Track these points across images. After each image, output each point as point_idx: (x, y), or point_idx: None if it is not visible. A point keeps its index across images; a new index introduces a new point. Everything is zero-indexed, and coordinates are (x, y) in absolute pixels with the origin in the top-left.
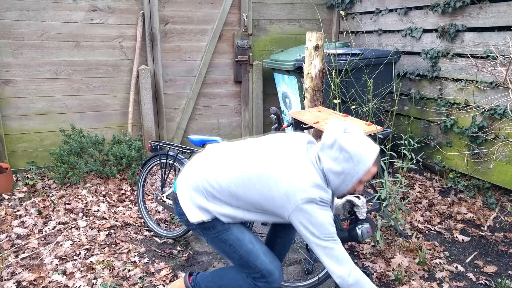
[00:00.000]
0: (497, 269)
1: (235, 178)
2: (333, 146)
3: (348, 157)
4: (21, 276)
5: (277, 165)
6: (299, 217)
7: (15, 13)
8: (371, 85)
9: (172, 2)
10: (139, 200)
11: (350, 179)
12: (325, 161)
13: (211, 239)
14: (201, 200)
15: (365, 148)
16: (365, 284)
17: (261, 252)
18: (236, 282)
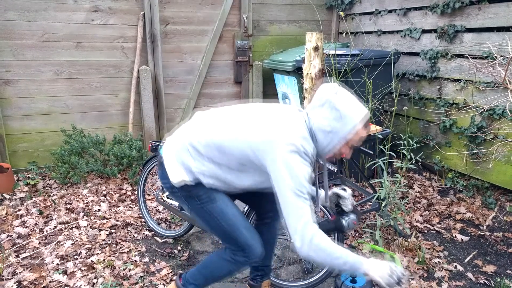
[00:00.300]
0: (496, 268)
1: (223, 130)
2: (324, 105)
3: (338, 116)
4: (22, 276)
5: (268, 115)
6: (279, 165)
7: (16, 14)
8: (371, 85)
9: (172, 3)
10: (139, 199)
11: (338, 139)
12: (315, 119)
13: (195, 209)
14: (185, 157)
15: (355, 109)
16: (326, 248)
17: (243, 226)
18: (218, 266)
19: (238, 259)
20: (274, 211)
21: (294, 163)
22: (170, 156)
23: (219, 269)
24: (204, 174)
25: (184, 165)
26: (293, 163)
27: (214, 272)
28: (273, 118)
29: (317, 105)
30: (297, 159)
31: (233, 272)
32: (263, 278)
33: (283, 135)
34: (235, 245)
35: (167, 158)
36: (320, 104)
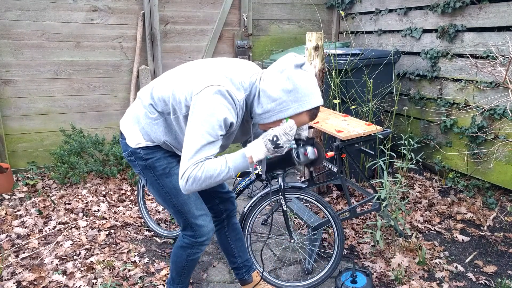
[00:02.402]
0: (497, 269)
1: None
2: (283, 72)
3: (290, 90)
4: (21, 276)
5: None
6: (198, 101)
7: (16, 13)
8: (371, 85)
9: (172, 3)
10: (139, 200)
11: (278, 111)
12: (266, 80)
13: (150, 182)
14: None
15: (311, 93)
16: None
17: (194, 205)
18: (178, 256)
19: (188, 241)
20: (227, 210)
21: (213, 103)
22: (127, 120)
23: (179, 258)
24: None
25: (139, 124)
26: (212, 102)
27: (177, 263)
28: (218, 66)
29: (276, 69)
30: (219, 100)
31: (191, 257)
32: (249, 272)
33: (214, 78)
34: (184, 222)
35: (124, 124)
36: (279, 70)
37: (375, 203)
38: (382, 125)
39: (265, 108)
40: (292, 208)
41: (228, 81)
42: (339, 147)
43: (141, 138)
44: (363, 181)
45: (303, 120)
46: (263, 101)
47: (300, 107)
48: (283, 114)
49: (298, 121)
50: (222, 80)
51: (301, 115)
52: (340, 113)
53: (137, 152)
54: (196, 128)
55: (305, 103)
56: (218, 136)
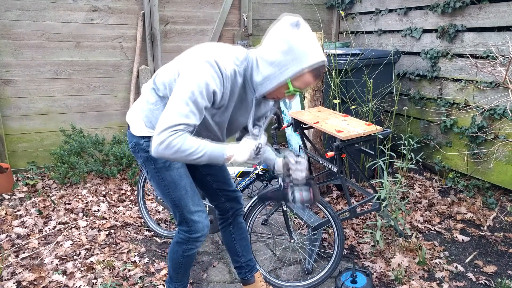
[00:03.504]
0: (497, 269)
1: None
2: (278, 34)
3: (287, 49)
4: (21, 276)
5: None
6: (186, 69)
7: (16, 13)
8: (371, 85)
9: (172, 3)
10: (139, 200)
11: (278, 74)
12: (263, 47)
13: (151, 174)
14: (144, 106)
15: (311, 49)
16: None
17: (191, 201)
18: (174, 252)
19: (183, 236)
20: (233, 208)
21: (197, 70)
22: (132, 110)
23: (175, 254)
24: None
25: (142, 112)
26: (196, 70)
27: (173, 259)
28: (214, 46)
29: (271, 33)
30: (203, 68)
31: (186, 253)
32: (252, 272)
33: (205, 53)
34: (180, 216)
35: (129, 114)
36: (274, 33)
37: (375, 203)
38: (382, 125)
39: (264, 74)
40: (292, 208)
41: (220, 53)
42: (339, 147)
43: (143, 126)
44: (363, 181)
45: (307, 80)
46: (261, 67)
47: (299, 64)
48: (284, 76)
49: (303, 82)
50: (214, 52)
51: (304, 75)
52: (340, 113)
53: (140, 143)
54: (178, 93)
55: (304, 60)
56: (199, 104)
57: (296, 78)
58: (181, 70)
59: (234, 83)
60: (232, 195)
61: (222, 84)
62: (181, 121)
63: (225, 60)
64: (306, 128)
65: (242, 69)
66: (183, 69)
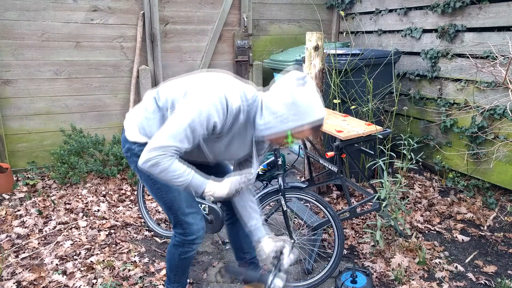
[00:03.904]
0: (497, 269)
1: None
2: (285, 87)
3: (291, 103)
4: (21, 276)
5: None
6: (193, 93)
7: (16, 13)
8: (371, 85)
9: (172, 3)
10: (139, 200)
11: (279, 123)
12: (269, 94)
13: (144, 178)
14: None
15: (314, 107)
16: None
17: (184, 203)
18: (171, 255)
19: (178, 239)
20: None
21: (204, 99)
22: (130, 114)
23: (172, 257)
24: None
25: (138, 118)
26: (203, 98)
27: (170, 262)
28: (227, 77)
29: (278, 84)
30: (211, 98)
31: (183, 255)
32: (256, 270)
33: (218, 82)
34: (174, 219)
35: (127, 117)
36: (282, 84)
37: (375, 203)
38: (382, 125)
39: (266, 120)
40: (292, 208)
41: (231, 87)
42: (339, 147)
43: (136, 131)
44: (363, 181)
45: (306, 133)
46: (264, 114)
47: (300, 120)
48: (284, 127)
49: (301, 135)
50: (226, 85)
51: (303, 129)
52: (340, 113)
53: (132, 148)
54: (179, 115)
55: (306, 117)
56: (196, 132)
57: (295, 130)
58: (189, 92)
59: (236, 118)
60: None
61: (225, 118)
62: (174, 144)
63: (233, 94)
64: None
65: (247, 107)
66: (191, 92)
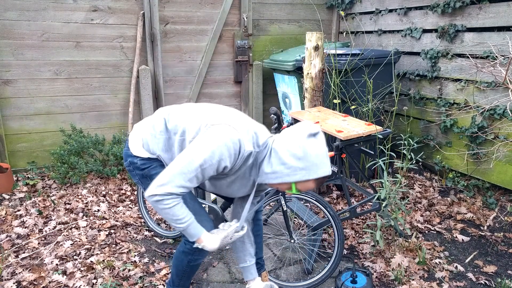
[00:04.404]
0: (497, 269)
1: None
2: (296, 139)
3: (301, 157)
4: (21, 276)
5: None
6: (208, 131)
7: (16, 13)
8: (371, 85)
9: (172, 3)
10: (139, 200)
11: (286, 175)
12: (280, 141)
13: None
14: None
15: (321, 163)
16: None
17: (192, 210)
18: (179, 260)
19: (189, 247)
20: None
21: (219, 141)
22: (137, 125)
23: (180, 263)
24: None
25: (144, 133)
26: (218, 140)
27: (178, 267)
28: (244, 117)
29: (290, 134)
30: (226, 141)
31: (192, 262)
32: (260, 271)
33: (235, 122)
34: None
35: (132, 133)
36: (293, 135)
37: (375, 203)
38: (382, 125)
39: (273, 169)
40: (292, 208)
41: (245, 131)
42: (339, 147)
43: (140, 145)
44: (363, 181)
45: (308, 186)
46: (273, 162)
47: (307, 175)
48: (290, 179)
49: (304, 187)
50: (241, 127)
51: (308, 182)
52: (340, 113)
53: (134, 162)
54: (192, 154)
55: (313, 172)
56: (206, 173)
57: (300, 183)
58: (204, 128)
59: (245, 162)
60: None
61: (235, 162)
62: (183, 183)
63: (247, 139)
64: None
65: (257, 154)
66: (207, 130)
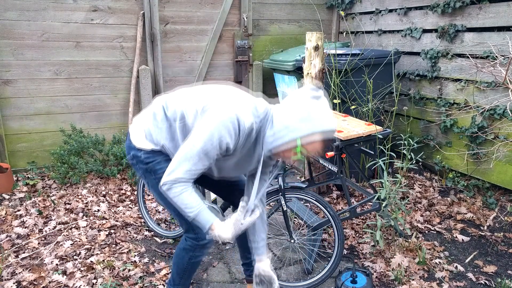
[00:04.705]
0: (497, 269)
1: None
2: (299, 101)
3: (304, 117)
4: (22, 276)
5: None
6: (207, 115)
7: (16, 13)
8: (371, 85)
9: (172, 2)
10: (139, 200)
11: (290, 137)
12: (282, 107)
13: (152, 184)
14: (149, 123)
15: (325, 118)
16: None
17: None
18: (180, 257)
19: (190, 243)
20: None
21: (218, 123)
22: (137, 118)
23: (181, 260)
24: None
25: (145, 124)
26: (217, 122)
27: (179, 265)
28: (239, 93)
29: (292, 98)
30: (225, 122)
31: (193, 260)
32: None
33: (231, 101)
34: (186, 224)
35: (134, 122)
36: (296, 99)
37: (375, 203)
38: (382, 125)
39: (276, 130)
40: (292, 208)
41: (242, 104)
42: (339, 147)
43: (143, 137)
44: (363, 181)
45: (316, 146)
46: (275, 125)
47: (311, 128)
48: (294, 134)
49: (311, 147)
50: (237, 102)
51: (314, 138)
52: (340, 113)
53: (138, 155)
54: (192, 139)
55: (317, 125)
56: (209, 154)
57: (306, 140)
58: (201, 112)
59: (248, 137)
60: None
61: (237, 139)
62: (189, 168)
63: (246, 112)
64: None
65: (259, 124)
66: (203, 114)
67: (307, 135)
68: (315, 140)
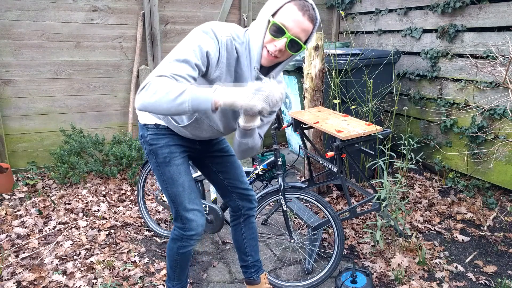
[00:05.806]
0: (497, 269)
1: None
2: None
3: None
4: (21, 276)
5: None
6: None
7: (15, 13)
8: (371, 85)
9: (172, 3)
10: (139, 200)
11: (263, 16)
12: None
13: (153, 167)
14: None
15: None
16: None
17: (187, 199)
18: (170, 249)
19: (177, 233)
20: (245, 207)
21: (193, 35)
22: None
23: (171, 251)
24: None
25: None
26: (192, 35)
27: (169, 256)
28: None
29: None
30: (199, 33)
31: (181, 250)
32: (258, 272)
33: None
34: (175, 213)
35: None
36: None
37: (375, 203)
38: (382, 125)
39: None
40: (292, 208)
41: (214, 24)
42: (339, 147)
43: (147, 117)
44: (363, 181)
45: (292, 13)
46: (253, 28)
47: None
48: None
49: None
50: (208, 23)
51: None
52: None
53: (145, 136)
54: (174, 50)
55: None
56: (189, 58)
57: (278, 12)
58: None
59: (230, 54)
60: (244, 193)
61: (218, 50)
62: (170, 71)
63: (221, 29)
64: (306, 128)
65: (239, 44)
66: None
67: (277, 9)
68: (287, 7)
